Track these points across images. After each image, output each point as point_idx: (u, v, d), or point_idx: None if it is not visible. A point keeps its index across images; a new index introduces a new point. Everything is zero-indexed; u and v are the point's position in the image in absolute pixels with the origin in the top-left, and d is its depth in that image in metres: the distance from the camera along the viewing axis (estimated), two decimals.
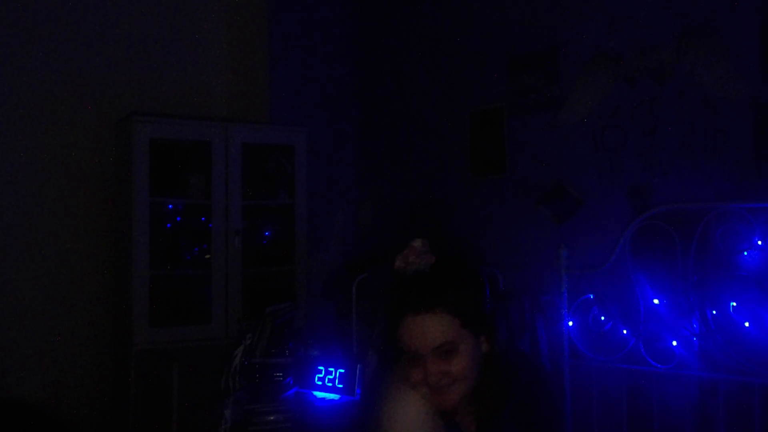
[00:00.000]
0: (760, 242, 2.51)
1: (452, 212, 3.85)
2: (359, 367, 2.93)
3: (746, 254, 2.58)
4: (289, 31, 4.21)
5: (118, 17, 4.05)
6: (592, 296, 2.94)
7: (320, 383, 2.96)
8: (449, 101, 3.88)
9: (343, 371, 2.94)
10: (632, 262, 2.80)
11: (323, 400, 2.94)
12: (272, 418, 2.83)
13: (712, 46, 2.81)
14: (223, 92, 4.39)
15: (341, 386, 2.93)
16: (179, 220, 3.84)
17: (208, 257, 3.77)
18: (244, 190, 3.80)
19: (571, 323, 2.91)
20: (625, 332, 2.88)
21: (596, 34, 3.19)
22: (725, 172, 2.77)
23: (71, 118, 3.88)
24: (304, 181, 3.99)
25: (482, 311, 1.66)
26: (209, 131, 3.74)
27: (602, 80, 3.15)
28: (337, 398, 2.94)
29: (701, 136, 2.84)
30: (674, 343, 2.73)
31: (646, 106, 3.01)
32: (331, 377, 2.96)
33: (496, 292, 3.10)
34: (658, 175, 2.97)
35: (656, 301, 2.81)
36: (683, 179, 2.89)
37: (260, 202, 3.96)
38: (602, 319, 2.93)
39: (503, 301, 3.07)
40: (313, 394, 2.97)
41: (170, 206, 3.79)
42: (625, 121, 3.08)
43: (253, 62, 4.25)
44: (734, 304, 2.59)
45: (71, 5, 3.91)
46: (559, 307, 2.94)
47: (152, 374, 3.46)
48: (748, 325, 2.55)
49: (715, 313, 2.65)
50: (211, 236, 3.73)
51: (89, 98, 3.93)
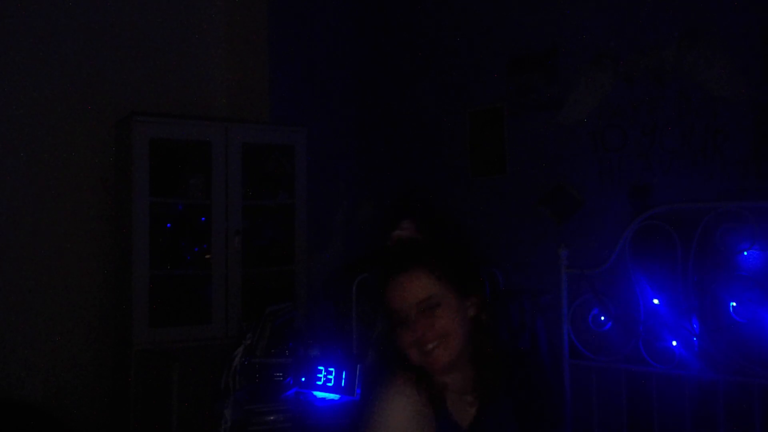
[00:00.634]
0: (760, 242, 2.51)
1: (452, 212, 3.84)
2: (359, 367, 2.93)
3: (746, 254, 2.58)
4: (289, 31, 4.20)
5: (118, 17, 4.05)
6: (592, 296, 2.94)
7: (320, 383, 2.97)
8: (449, 101, 3.88)
9: (343, 371, 2.94)
10: (632, 262, 2.80)
11: (323, 400, 2.94)
12: (272, 418, 2.84)
13: (712, 46, 2.81)
14: (223, 92, 4.38)
15: (341, 386, 2.93)
16: (179, 220, 3.83)
17: (208, 257, 3.77)
18: (244, 190, 3.80)
19: (571, 323, 2.91)
20: (625, 332, 2.88)
21: (596, 34, 3.19)
22: (725, 171, 2.77)
23: (71, 118, 3.88)
24: (304, 181, 3.99)
25: (467, 272, 1.71)
26: (209, 131, 3.74)
27: (602, 80, 3.15)
28: (337, 398, 2.94)
29: (701, 136, 2.84)
30: (674, 343, 2.72)
31: (646, 106, 3.01)
32: (331, 377, 2.96)
33: (496, 292, 3.10)
34: (658, 175, 2.97)
35: (656, 301, 2.81)
36: (683, 179, 2.89)
37: (260, 202, 3.96)
38: (602, 319, 2.93)
39: (503, 301, 3.07)
40: (313, 394, 2.97)
41: (170, 206, 3.79)
42: (625, 121, 3.09)
43: (253, 62, 4.25)
44: (734, 304, 2.58)
45: (71, 5, 3.91)
46: (559, 307, 2.94)
47: (152, 374, 3.46)
48: (748, 325, 2.55)
49: (715, 313, 2.65)
50: (211, 236, 3.73)
51: (89, 98, 3.93)
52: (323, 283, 4.18)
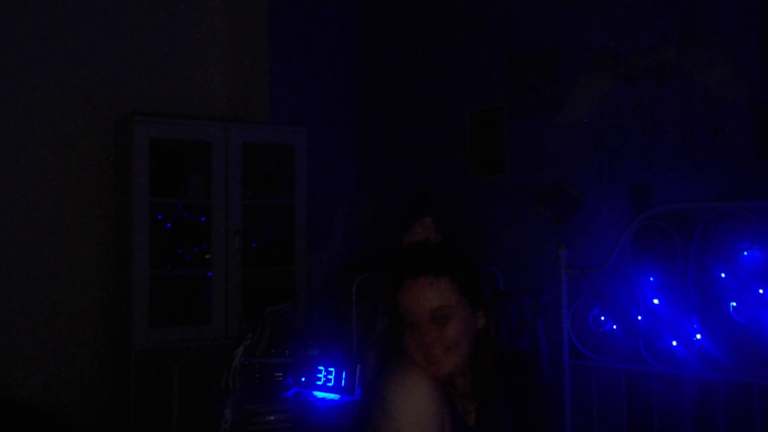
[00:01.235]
0: (760, 242, 2.51)
1: (452, 212, 3.84)
2: (359, 367, 2.93)
3: (746, 254, 2.58)
4: (289, 31, 4.21)
5: (118, 17, 4.05)
6: (592, 296, 2.94)
7: (320, 383, 2.97)
8: (449, 101, 3.88)
9: (343, 371, 2.95)
10: (632, 262, 2.80)
11: (323, 400, 2.94)
12: (272, 418, 2.84)
13: (712, 46, 2.81)
14: (223, 92, 4.38)
15: (341, 386, 2.93)
16: (179, 220, 3.84)
17: (208, 257, 3.77)
18: (244, 190, 3.80)
19: (571, 323, 2.91)
20: (625, 332, 2.89)
21: (596, 34, 3.19)
22: (725, 172, 2.77)
23: (71, 118, 3.88)
24: (304, 181, 3.99)
25: (480, 287, 1.71)
26: (209, 131, 3.74)
27: (602, 80, 3.15)
28: (337, 398, 2.94)
29: (701, 136, 2.84)
30: (674, 343, 2.73)
31: (646, 106, 3.01)
32: (331, 377, 2.96)
33: (496, 292, 3.11)
34: (658, 175, 2.97)
35: (656, 301, 2.81)
36: (683, 179, 2.89)
37: (260, 202, 3.96)
38: (602, 319, 2.93)
39: (503, 301, 3.07)
40: (313, 394, 2.97)
41: (170, 206, 3.79)
42: (625, 121, 3.09)
43: (253, 62, 4.25)
44: (734, 304, 2.59)
45: (71, 5, 3.91)
46: (559, 307, 2.94)
47: (152, 374, 3.46)
48: (748, 325, 2.55)
49: (715, 313, 2.65)
50: (211, 236, 3.73)
51: (89, 98, 3.93)
52: (323, 283, 4.18)
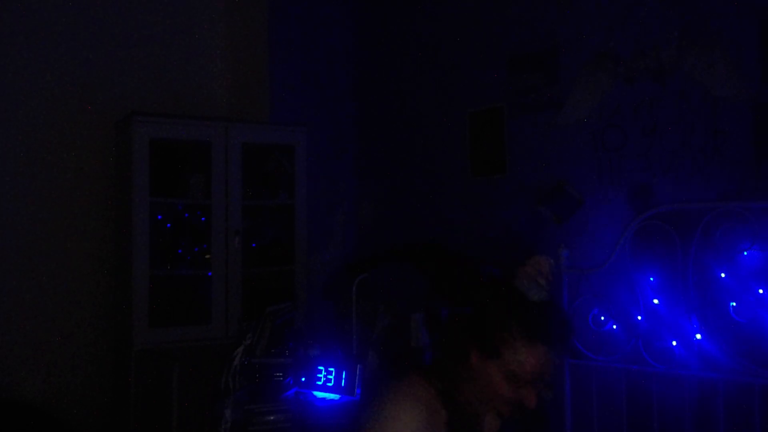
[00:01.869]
0: (760, 242, 2.51)
1: (452, 212, 3.85)
2: (359, 367, 2.93)
3: (746, 254, 2.58)
4: (289, 31, 4.20)
5: (118, 17, 4.05)
6: (592, 296, 2.94)
7: (320, 383, 2.97)
8: (449, 101, 3.88)
9: (343, 371, 2.94)
10: (632, 262, 2.80)
11: (323, 400, 2.94)
12: (272, 418, 2.84)
13: (712, 46, 2.81)
14: (223, 92, 4.38)
15: (341, 386, 2.93)
16: (179, 220, 3.84)
17: (208, 257, 3.77)
18: (244, 190, 3.80)
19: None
20: (625, 332, 2.88)
21: (596, 34, 3.19)
22: (725, 171, 2.77)
23: (71, 118, 3.88)
24: (304, 181, 3.99)
25: None
26: (209, 131, 3.74)
27: (602, 80, 3.15)
28: (337, 398, 2.94)
29: (701, 136, 2.84)
30: (674, 343, 2.73)
31: (646, 106, 3.01)
32: (331, 377, 2.96)
33: None
34: (658, 175, 2.97)
35: (656, 301, 2.81)
36: (683, 179, 2.89)
37: (260, 202, 3.96)
38: (602, 319, 2.93)
39: None
40: (313, 394, 2.97)
41: (170, 206, 3.79)
42: (625, 121, 3.09)
43: (253, 62, 4.25)
44: (734, 304, 2.59)
45: (71, 5, 3.91)
46: None
47: (152, 374, 3.46)
48: (748, 325, 2.55)
49: (715, 313, 2.65)
50: (211, 236, 3.73)
51: (89, 98, 3.93)
52: (323, 283, 4.18)
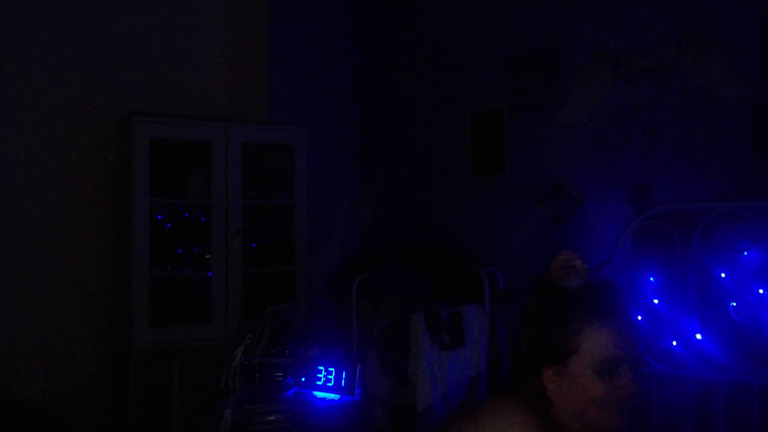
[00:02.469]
0: (760, 242, 2.51)
1: (452, 212, 3.85)
2: (359, 367, 2.93)
3: (746, 254, 2.58)
4: (289, 31, 4.20)
5: (118, 17, 4.05)
6: None
7: (320, 383, 2.97)
8: (449, 101, 3.88)
9: (343, 371, 2.94)
10: (632, 262, 2.80)
11: (323, 400, 2.94)
12: (272, 418, 2.84)
13: (712, 46, 2.81)
14: (223, 92, 4.38)
15: (341, 386, 2.93)
16: (179, 220, 3.84)
17: (208, 257, 3.77)
18: (244, 190, 3.80)
19: None
20: None
21: (596, 34, 3.19)
22: (725, 172, 2.77)
23: (71, 118, 3.88)
24: (304, 181, 3.99)
25: None
26: (209, 131, 3.74)
27: (602, 80, 3.15)
28: (337, 398, 2.94)
29: (701, 136, 2.84)
30: (674, 343, 2.73)
31: (646, 106, 3.01)
32: (331, 377, 2.96)
33: (496, 292, 3.10)
34: (658, 175, 2.97)
35: (656, 301, 2.81)
36: (683, 179, 2.89)
37: (260, 202, 3.96)
38: None
39: (503, 301, 3.07)
40: (313, 394, 2.97)
41: (170, 206, 3.79)
42: (625, 121, 3.09)
43: (253, 62, 4.25)
44: (734, 304, 2.59)
45: (71, 5, 3.90)
46: None
47: (152, 374, 3.46)
48: (748, 325, 2.55)
49: (715, 313, 2.65)
50: (211, 236, 3.73)
51: (89, 98, 3.93)
52: (323, 283, 4.19)
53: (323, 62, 4.34)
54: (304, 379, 2.99)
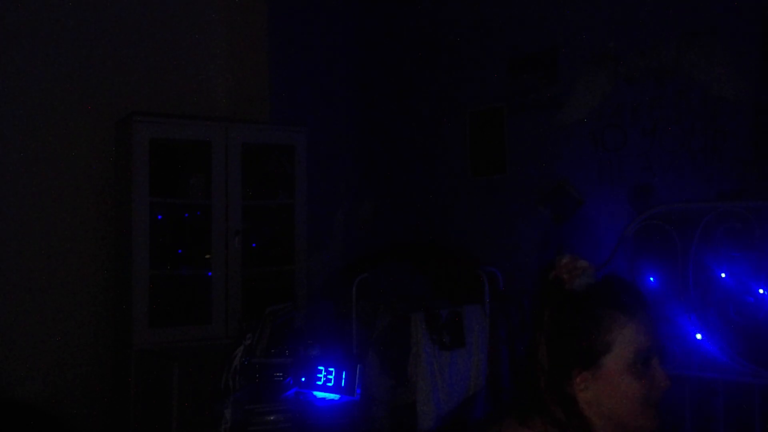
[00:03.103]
0: (760, 242, 2.51)
1: (452, 212, 3.85)
2: (359, 367, 2.93)
3: (746, 254, 2.58)
4: (289, 31, 4.20)
5: (118, 17, 4.05)
6: None
7: (320, 383, 2.97)
8: (449, 101, 3.88)
9: (343, 371, 2.94)
10: (632, 262, 2.80)
11: (323, 400, 2.94)
12: (272, 418, 2.84)
13: (712, 46, 2.81)
14: (223, 92, 4.38)
15: (341, 386, 2.93)
16: (179, 220, 3.83)
17: (208, 257, 3.77)
18: (244, 190, 3.80)
19: None
20: None
21: (596, 34, 3.19)
22: (725, 172, 2.77)
23: (71, 118, 3.88)
24: (304, 181, 3.99)
25: None
26: (209, 131, 3.74)
27: (602, 80, 3.15)
28: (337, 398, 2.94)
29: (701, 136, 2.84)
30: (674, 343, 2.73)
31: (646, 106, 3.01)
32: (331, 377, 2.96)
33: (496, 292, 3.10)
34: (658, 175, 2.97)
35: (656, 300, 2.81)
36: (683, 179, 2.89)
37: (260, 202, 3.96)
38: None
39: (503, 301, 3.07)
40: (313, 394, 2.97)
41: (170, 206, 3.79)
42: (625, 121, 3.09)
43: (253, 62, 4.25)
44: (734, 304, 2.59)
45: (71, 5, 3.90)
46: None
47: (152, 374, 3.46)
48: (748, 325, 2.55)
49: (714, 313, 2.65)
50: (211, 236, 3.73)
51: (89, 98, 3.92)
52: (323, 283, 4.18)
53: (323, 62, 4.34)
54: (304, 379, 2.99)
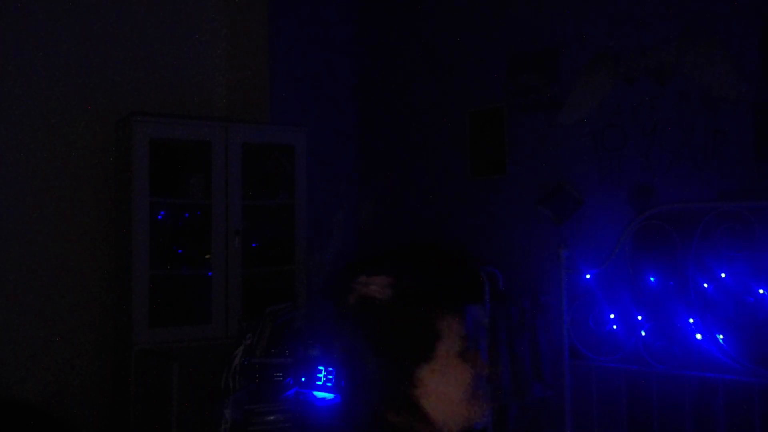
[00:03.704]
0: (760, 242, 2.51)
1: (452, 212, 3.85)
2: None
3: (746, 254, 2.58)
4: (289, 31, 4.20)
5: (118, 17, 4.05)
6: (591, 296, 2.94)
7: (320, 383, 2.97)
8: (449, 101, 3.88)
9: None
10: (632, 262, 2.80)
11: (323, 400, 2.94)
12: (272, 418, 2.84)
13: (712, 46, 2.81)
14: (223, 92, 4.38)
15: (341, 386, 2.93)
16: (179, 219, 3.83)
17: (208, 257, 3.77)
18: (244, 190, 3.80)
19: (570, 323, 2.91)
20: (625, 332, 2.88)
21: (596, 34, 3.19)
22: (725, 172, 2.77)
23: (71, 118, 3.88)
24: (304, 181, 3.99)
25: None
26: (209, 131, 3.74)
27: (602, 80, 3.15)
28: (337, 398, 2.94)
29: (701, 136, 2.84)
30: (674, 343, 2.73)
31: (646, 106, 3.01)
32: (331, 377, 2.96)
33: (496, 292, 3.10)
34: (658, 175, 2.97)
35: (656, 301, 2.81)
36: (683, 179, 2.89)
37: (260, 202, 3.96)
38: (602, 319, 2.93)
39: (503, 301, 3.07)
40: (313, 394, 2.97)
41: (170, 206, 3.79)
42: (625, 121, 3.09)
43: (253, 62, 4.25)
44: (734, 304, 2.59)
45: (71, 5, 3.90)
46: (559, 307, 2.94)
47: (152, 374, 3.46)
48: (748, 325, 2.55)
49: (714, 313, 2.65)
50: (211, 236, 3.73)
51: (89, 98, 3.93)
52: (323, 283, 4.18)
53: (323, 62, 4.34)
54: (304, 379, 2.99)
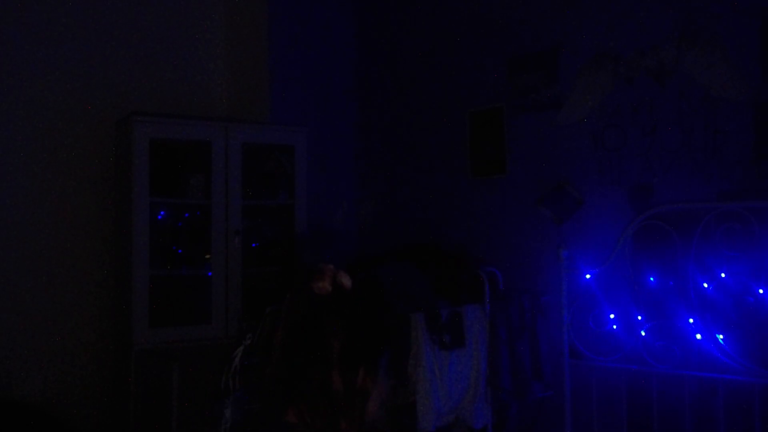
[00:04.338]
0: (759, 242, 2.51)
1: (452, 212, 3.85)
2: None
3: (746, 254, 2.58)
4: (289, 31, 4.20)
5: (118, 17, 4.05)
6: (592, 296, 2.95)
7: None
8: (449, 101, 3.88)
9: None
10: (632, 262, 2.81)
11: None
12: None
13: (712, 46, 2.81)
14: (223, 92, 4.38)
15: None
16: (179, 219, 3.83)
17: (208, 257, 3.77)
18: (244, 190, 3.80)
19: (570, 323, 2.91)
20: (625, 332, 2.89)
21: (596, 34, 3.19)
22: (725, 172, 2.77)
23: (71, 118, 3.88)
24: (304, 181, 3.99)
25: None
26: (209, 131, 3.74)
27: (602, 80, 3.16)
28: None
29: (701, 136, 2.84)
30: (674, 343, 2.73)
31: (646, 106, 3.02)
32: None
33: (496, 292, 3.10)
34: (658, 175, 2.97)
35: (656, 300, 2.81)
36: (683, 179, 2.89)
37: (260, 202, 3.96)
38: (602, 319, 2.93)
39: (503, 301, 3.07)
40: None
41: (170, 206, 3.79)
42: (625, 121, 3.09)
43: (253, 62, 4.25)
44: (733, 304, 2.59)
45: (71, 5, 3.91)
46: (559, 307, 2.94)
47: (152, 374, 3.46)
48: (748, 324, 2.56)
49: (714, 313, 2.65)
50: (211, 236, 3.73)
51: (89, 98, 3.93)
52: None
53: (323, 62, 4.34)
54: None
